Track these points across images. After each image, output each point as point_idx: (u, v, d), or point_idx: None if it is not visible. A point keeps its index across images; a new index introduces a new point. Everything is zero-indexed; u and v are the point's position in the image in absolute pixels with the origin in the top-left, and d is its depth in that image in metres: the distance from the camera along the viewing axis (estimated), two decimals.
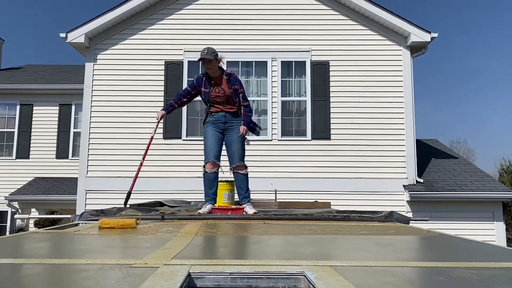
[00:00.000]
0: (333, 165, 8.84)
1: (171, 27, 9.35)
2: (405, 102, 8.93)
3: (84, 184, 8.84)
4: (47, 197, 11.36)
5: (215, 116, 4.27)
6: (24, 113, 12.79)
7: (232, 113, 4.28)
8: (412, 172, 8.75)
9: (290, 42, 9.21)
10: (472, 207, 8.63)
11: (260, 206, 4.98)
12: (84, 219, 3.35)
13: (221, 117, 4.26)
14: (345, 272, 1.36)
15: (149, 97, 9.11)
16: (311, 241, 2.21)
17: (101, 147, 8.95)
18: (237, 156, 4.22)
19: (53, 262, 1.53)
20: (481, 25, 55.66)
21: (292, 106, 9.22)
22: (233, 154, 4.24)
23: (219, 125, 4.27)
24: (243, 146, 4.29)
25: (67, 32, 8.95)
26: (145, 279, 1.22)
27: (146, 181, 8.77)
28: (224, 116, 4.25)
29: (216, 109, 4.28)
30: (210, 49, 4.12)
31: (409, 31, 8.87)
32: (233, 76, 4.29)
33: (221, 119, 4.26)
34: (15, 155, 12.67)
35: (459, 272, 1.39)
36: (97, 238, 2.27)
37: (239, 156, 4.23)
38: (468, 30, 57.32)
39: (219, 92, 4.24)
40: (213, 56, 4.10)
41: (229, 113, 4.26)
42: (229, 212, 4.02)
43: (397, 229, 2.88)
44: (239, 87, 4.28)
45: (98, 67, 9.21)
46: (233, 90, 4.23)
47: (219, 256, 1.75)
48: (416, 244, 2.23)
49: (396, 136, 8.88)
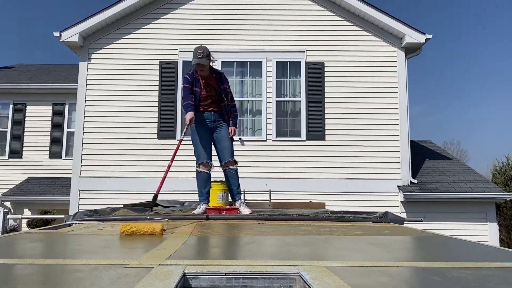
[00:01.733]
0: (327, 165, 8.85)
1: (166, 27, 9.32)
2: (399, 103, 8.97)
3: (77, 184, 8.79)
4: (40, 197, 11.27)
5: (204, 115, 4.25)
6: (17, 113, 12.70)
7: (219, 112, 4.30)
8: (406, 173, 8.78)
9: (285, 43, 9.22)
10: (466, 207, 8.68)
11: (255, 206, 4.97)
12: (78, 219, 3.32)
13: (209, 115, 4.26)
14: (340, 272, 1.36)
15: (144, 97, 9.08)
16: (306, 241, 2.20)
17: (95, 147, 8.91)
18: (227, 152, 4.26)
19: (47, 262, 1.51)
20: (474, 26, 56.06)
21: (287, 106, 9.22)
22: (224, 150, 4.27)
23: (208, 123, 4.27)
24: (232, 142, 4.34)
25: (61, 31, 8.89)
26: (140, 279, 1.21)
27: (139, 181, 8.74)
28: (212, 115, 4.26)
29: (205, 108, 4.25)
30: (205, 51, 4.06)
31: (404, 33, 8.91)
32: (223, 75, 4.30)
33: (210, 117, 4.26)
34: (8, 155, 12.57)
35: (454, 272, 1.40)
36: (91, 238, 2.25)
37: (229, 152, 4.27)
38: (461, 32, 57.71)
39: (211, 91, 4.24)
40: (208, 60, 4.07)
41: (216, 112, 4.28)
42: (224, 212, 4.02)
43: (392, 229, 2.89)
44: (228, 86, 4.32)
45: (92, 66, 9.17)
46: (223, 89, 4.26)
47: (214, 256, 1.74)
48: (411, 245, 2.24)
49: (391, 137, 8.91)
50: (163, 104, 9.06)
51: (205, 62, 4.05)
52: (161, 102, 9.08)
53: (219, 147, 4.29)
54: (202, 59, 4.03)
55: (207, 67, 4.17)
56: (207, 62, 4.07)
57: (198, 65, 4.10)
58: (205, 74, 4.21)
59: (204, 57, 4.04)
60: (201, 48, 4.07)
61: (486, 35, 54.67)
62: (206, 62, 4.05)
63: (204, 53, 4.04)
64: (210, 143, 4.29)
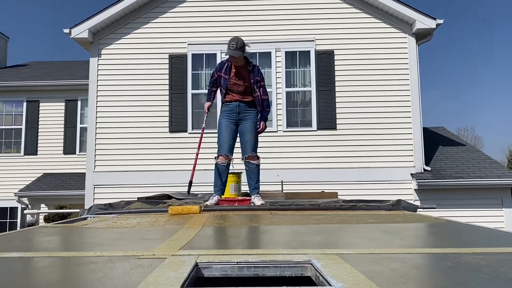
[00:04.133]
0: (339, 155, 8.82)
1: (174, 20, 9.32)
2: (411, 90, 8.87)
3: (91, 179, 8.91)
4: (56, 193, 11.46)
5: (229, 105, 4.23)
6: (31, 110, 12.87)
7: (246, 103, 4.24)
8: (420, 160, 8.71)
9: (294, 32, 9.16)
10: (480, 194, 8.58)
11: (267, 197, 4.99)
12: (92, 213, 3.37)
13: (235, 107, 4.22)
14: (352, 259, 1.36)
15: (154, 91, 9.13)
16: (317, 230, 2.21)
17: (108, 142, 9.00)
18: (249, 146, 4.21)
19: (62, 255, 1.54)
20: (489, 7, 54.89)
21: (297, 96, 9.19)
22: (246, 144, 4.23)
23: (233, 115, 4.23)
24: (256, 137, 4.28)
25: (70, 27, 8.96)
26: (153, 269, 1.23)
27: (152, 174, 8.82)
28: (238, 106, 4.21)
29: (231, 97, 4.24)
30: (239, 42, 4.01)
31: (414, 18, 8.78)
32: (256, 68, 4.24)
33: (235, 109, 4.22)
34: (23, 152, 12.77)
35: (466, 258, 1.39)
36: (105, 231, 2.29)
37: (251, 146, 4.22)
38: (475, 14, 56.59)
39: (239, 80, 4.20)
40: (241, 52, 4.03)
41: (243, 102, 4.23)
42: (236, 203, 4.04)
43: (405, 217, 2.88)
44: (261, 79, 4.24)
45: (103, 62, 9.23)
46: (254, 81, 4.19)
47: (226, 246, 1.76)
48: (423, 231, 2.23)
49: (403, 124, 8.83)
50: (173, 98, 9.09)
51: (237, 54, 4.01)
52: (171, 95, 9.11)
53: (242, 140, 4.26)
54: (234, 51, 4.00)
55: (241, 59, 4.12)
56: (240, 54, 4.02)
57: (231, 57, 4.08)
58: (239, 64, 4.18)
59: (237, 49, 4.00)
60: (235, 40, 4.02)
61: (500, 15, 53.57)
62: (238, 54, 4.01)
63: (237, 45, 4.00)
64: (232, 135, 4.24)
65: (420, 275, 1.21)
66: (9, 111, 13.00)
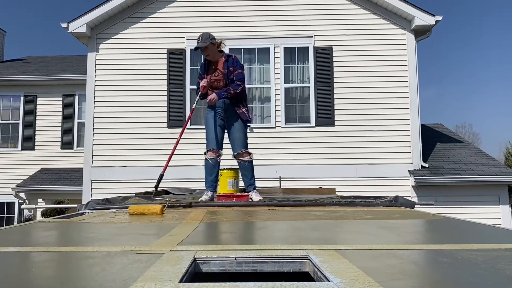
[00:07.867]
0: (337, 151, 8.83)
1: (173, 15, 9.28)
2: (409, 86, 8.87)
3: (89, 174, 8.90)
4: (53, 188, 11.45)
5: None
6: (28, 105, 12.83)
7: (231, 99, 4.17)
8: (417, 157, 8.72)
9: (292, 28, 9.13)
10: (478, 191, 8.61)
11: (265, 193, 4.99)
12: (90, 208, 3.37)
13: (221, 103, 4.17)
14: (350, 255, 1.36)
15: (152, 86, 9.10)
16: (315, 226, 2.21)
17: (106, 137, 8.98)
18: (238, 143, 4.18)
19: (60, 250, 1.54)
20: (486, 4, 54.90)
21: (296, 92, 9.18)
22: (234, 142, 4.21)
23: (220, 111, 4.21)
24: (245, 133, 4.24)
25: (68, 22, 8.91)
26: (151, 264, 1.23)
27: (150, 170, 8.80)
28: (223, 102, 4.16)
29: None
30: (204, 35, 4.03)
31: (413, 15, 8.77)
32: (231, 58, 4.18)
33: (221, 105, 4.18)
34: (21, 146, 12.74)
35: (463, 254, 1.39)
36: (103, 226, 2.28)
37: (240, 143, 4.18)
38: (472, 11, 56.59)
39: (218, 75, 4.16)
40: (208, 42, 4.01)
41: (228, 99, 4.15)
42: (234, 199, 4.03)
43: (402, 213, 2.89)
44: (235, 67, 4.12)
45: (100, 56, 9.19)
46: (227, 72, 4.12)
47: (224, 241, 1.76)
48: (421, 228, 2.24)
49: (401, 121, 8.84)
50: (171, 93, 9.07)
51: (202, 44, 3.99)
52: (169, 91, 9.09)
53: (230, 138, 4.23)
54: (201, 42, 4.00)
55: (214, 51, 4.11)
56: (205, 44, 4.00)
57: (201, 50, 4.06)
58: (215, 58, 4.15)
59: (202, 41, 3.99)
60: (201, 34, 4.05)
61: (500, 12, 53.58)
62: (204, 44, 3.99)
63: (203, 37, 4.01)
64: (220, 131, 4.21)
65: (418, 271, 1.21)
66: (7, 105, 12.96)
